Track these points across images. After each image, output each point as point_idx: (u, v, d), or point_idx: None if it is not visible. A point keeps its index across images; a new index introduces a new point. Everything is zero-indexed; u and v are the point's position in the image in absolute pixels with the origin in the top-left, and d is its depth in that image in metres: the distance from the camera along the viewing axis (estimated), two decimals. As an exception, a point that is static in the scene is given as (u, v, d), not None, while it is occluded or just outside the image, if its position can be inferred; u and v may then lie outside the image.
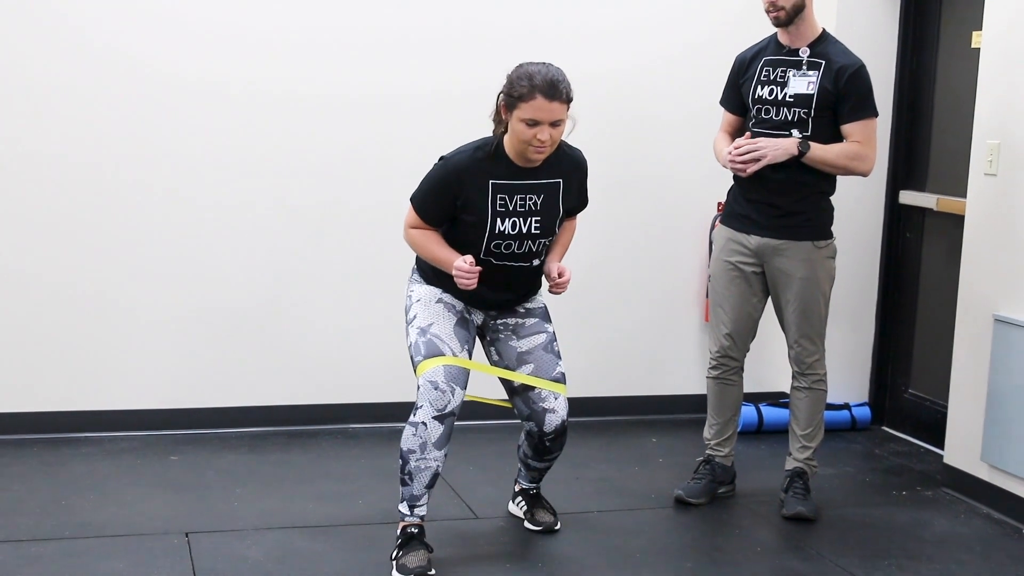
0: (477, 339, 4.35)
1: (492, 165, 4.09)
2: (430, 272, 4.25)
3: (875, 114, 4.69)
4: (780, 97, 4.64)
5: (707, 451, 4.97)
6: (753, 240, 4.72)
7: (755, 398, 5.87)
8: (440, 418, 4.04)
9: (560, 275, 4.22)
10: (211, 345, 5.49)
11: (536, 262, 4.24)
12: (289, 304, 5.57)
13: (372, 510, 4.66)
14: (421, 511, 4.12)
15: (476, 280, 4.03)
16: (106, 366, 5.39)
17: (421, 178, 4.19)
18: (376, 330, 5.65)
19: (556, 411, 4.24)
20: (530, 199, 4.13)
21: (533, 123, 3.94)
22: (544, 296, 4.39)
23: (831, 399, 6.05)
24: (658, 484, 5.05)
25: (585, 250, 5.81)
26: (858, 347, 6.16)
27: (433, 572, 4.01)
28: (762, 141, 4.60)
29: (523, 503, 4.59)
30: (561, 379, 4.28)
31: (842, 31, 5.79)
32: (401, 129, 5.61)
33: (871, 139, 4.68)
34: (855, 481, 5.31)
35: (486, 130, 4.14)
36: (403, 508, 4.12)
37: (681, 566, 4.30)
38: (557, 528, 4.49)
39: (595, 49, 5.76)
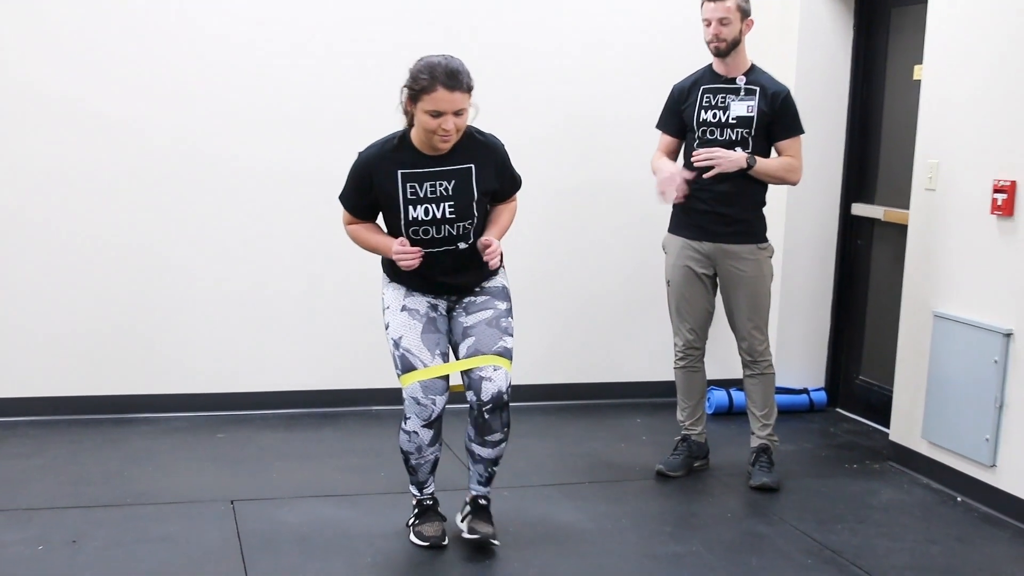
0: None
1: (400, 155, 3.86)
2: (389, 267, 4.02)
3: (802, 132, 4.74)
4: (724, 119, 4.67)
5: (683, 430, 4.99)
6: (705, 246, 4.74)
7: (726, 384, 5.89)
8: (428, 425, 3.90)
9: (488, 245, 3.90)
10: (252, 337, 5.51)
11: (462, 245, 3.92)
12: (320, 301, 5.59)
13: (392, 481, 4.67)
14: (429, 490, 4.08)
15: (418, 258, 3.81)
16: (161, 356, 5.41)
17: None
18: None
19: (492, 380, 3.87)
20: (440, 185, 3.85)
21: (437, 114, 3.70)
22: (503, 278, 4.09)
23: (792, 384, 6.07)
24: (641, 459, 5.06)
25: (571, 256, 5.85)
26: (815, 339, 6.17)
27: (447, 543, 3.99)
28: (719, 151, 4.62)
29: (467, 511, 4.08)
30: (503, 353, 3.92)
31: (803, 65, 5.82)
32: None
33: (800, 153, 4.73)
34: (813, 456, 5.31)
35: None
36: (413, 490, 4.09)
37: (661, 530, 4.31)
38: (494, 542, 3.98)
39: (567, 63, 5.76)
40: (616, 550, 3.94)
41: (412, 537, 4.02)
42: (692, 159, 4.67)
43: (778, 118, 4.67)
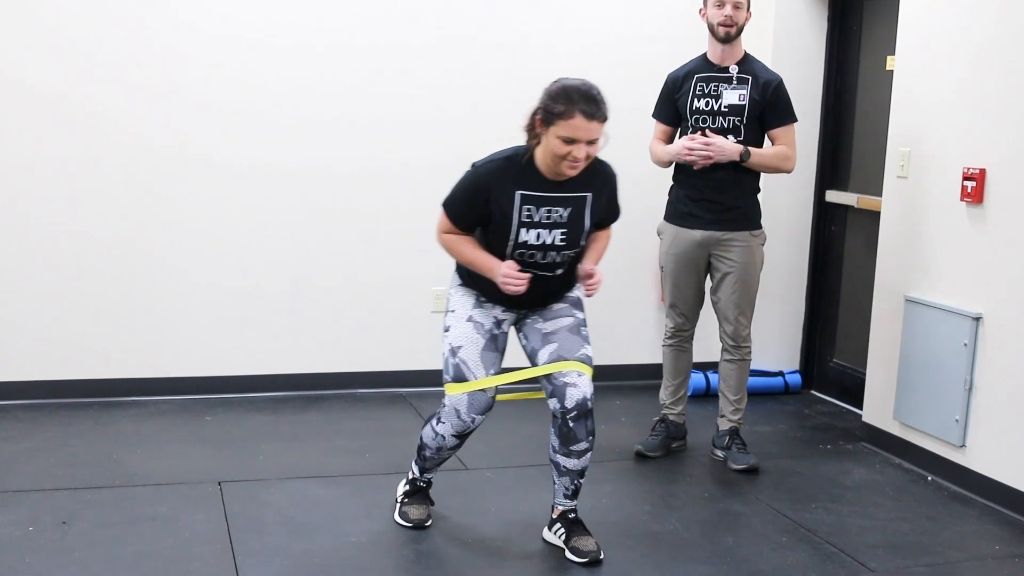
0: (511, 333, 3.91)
1: (521, 176, 3.60)
2: (466, 273, 3.83)
3: (795, 120, 4.75)
4: (716, 108, 4.67)
5: (662, 411, 5.00)
6: (699, 234, 4.74)
7: (704, 367, 5.90)
8: (459, 436, 3.79)
9: (590, 276, 3.75)
10: (239, 322, 5.50)
11: (560, 272, 3.75)
12: (306, 286, 5.57)
13: (377, 463, 4.67)
14: (430, 475, 4.05)
15: (525, 286, 3.58)
16: (150, 340, 5.39)
17: (452, 183, 3.74)
18: (378, 309, 5.67)
19: (578, 385, 3.67)
20: (556, 212, 3.62)
21: (570, 140, 3.46)
22: (577, 290, 3.94)
23: (767, 367, 6.09)
24: (621, 440, 5.07)
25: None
26: (790, 323, 6.19)
27: (430, 524, 3.98)
28: (716, 140, 4.62)
29: (560, 530, 3.85)
30: (586, 360, 3.75)
31: (777, 55, 5.83)
32: (405, 132, 5.61)
33: (793, 142, 4.74)
34: (787, 437, 5.33)
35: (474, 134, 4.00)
36: (415, 470, 4.02)
37: (640, 509, 4.33)
38: (601, 559, 3.75)
39: (560, 59, 5.75)
40: (596, 530, 3.95)
41: (396, 516, 4.01)
42: (687, 141, 4.66)
43: (770, 106, 4.67)
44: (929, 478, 4.77)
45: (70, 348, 5.30)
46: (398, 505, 4.03)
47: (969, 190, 4.55)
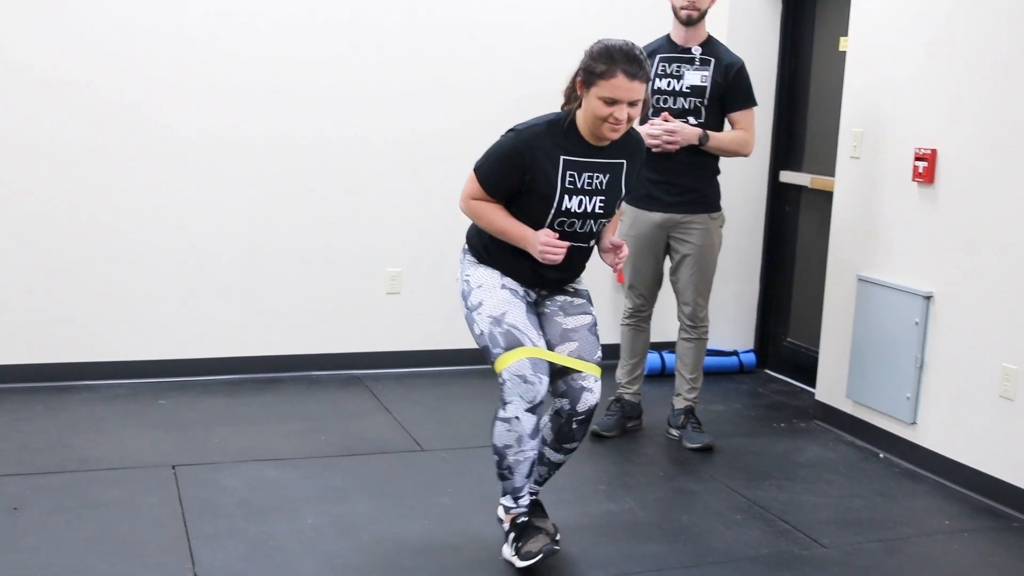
0: None
1: (565, 140, 3.47)
2: (483, 250, 3.62)
3: (755, 104, 4.76)
4: (678, 88, 4.68)
5: (618, 391, 5.02)
6: (658, 216, 4.75)
7: (659, 347, 5.92)
8: (532, 410, 3.44)
9: (619, 247, 3.61)
10: (193, 304, 5.45)
11: (593, 242, 3.65)
12: (260, 268, 5.53)
13: (333, 444, 4.65)
14: (525, 501, 3.59)
15: (564, 254, 3.44)
16: (102, 324, 5.33)
17: (486, 149, 3.55)
18: (333, 291, 5.64)
19: (593, 391, 3.55)
20: (597, 178, 3.51)
21: (612, 101, 3.34)
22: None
23: (722, 347, 6.13)
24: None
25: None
26: (745, 303, 6.22)
27: (559, 547, 3.59)
28: (676, 124, 4.61)
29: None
30: (599, 364, 3.64)
31: (732, 36, 5.83)
32: (361, 111, 5.58)
33: (752, 125, 4.76)
34: (742, 416, 5.37)
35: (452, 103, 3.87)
36: (506, 502, 3.59)
37: (596, 489, 4.34)
38: (558, 540, 3.66)
39: (530, 37, 5.75)
40: (553, 509, 3.95)
41: (520, 562, 3.50)
42: (649, 127, 4.66)
43: (731, 89, 4.68)
44: (881, 455, 4.82)
45: (20, 333, 5.22)
46: (516, 555, 3.53)
47: (920, 170, 4.59)
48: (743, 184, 6.03)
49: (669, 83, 4.69)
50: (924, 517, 4.20)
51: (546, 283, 3.64)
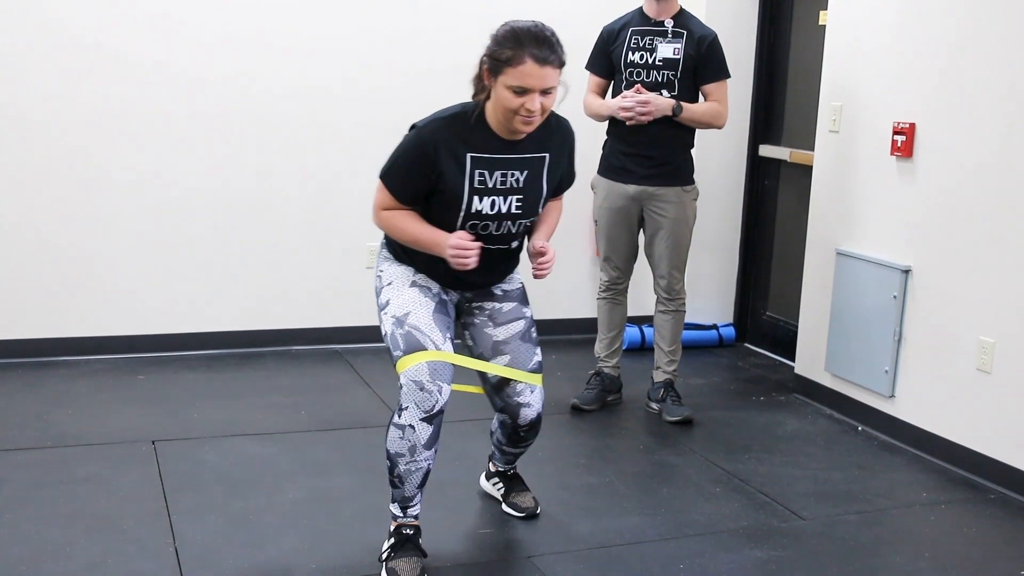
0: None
1: (471, 135, 3.17)
2: (400, 250, 3.36)
3: (728, 76, 4.76)
4: (650, 61, 4.66)
5: (597, 364, 5.02)
6: (632, 188, 4.75)
7: (639, 321, 5.93)
8: (428, 419, 3.19)
9: (543, 253, 3.28)
10: (172, 279, 5.41)
11: (515, 244, 3.37)
12: (240, 243, 5.50)
13: (313, 419, 4.65)
14: (415, 511, 3.35)
15: (477, 257, 3.14)
16: (80, 298, 5.29)
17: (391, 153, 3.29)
18: (315, 263, 5.62)
19: (531, 405, 3.41)
20: (512, 175, 3.20)
21: (521, 91, 3.04)
22: (520, 276, 3.58)
23: (701, 320, 6.14)
24: (557, 394, 5.08)
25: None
26: (724, 277, 6.23)
27: None
28: (648, 96, 4.60)
29: (499, 484, 3.83)
30: (538, 369, 3.43)
31: (712, 9, 5.82)
32: (350, 86, 5.54)
33: (725, 97, 4.75)
34: (721, 389, 5.38)
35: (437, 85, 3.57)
36: (395, 509, 3.34)
37: (576, 462, 4.35)
38: (538, 513, 3.75)
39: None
40: (532, 482, 3.96)
41: (384, 574, 3.28)
42: (621, 99, 4.65)
43: (704, 62, 4.67)
44: (859, 428, 4.84)
45: (-3, 307, 5.20)
46: (383, 564, 3.30)
47: (899, 144, 4.59)
48: (722, 158, 6.03)
49: (642, 56, 4.68)
50: (902, 489, 4.22)
51: (467, 287, 3.40)
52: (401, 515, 3.33)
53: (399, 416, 3.21)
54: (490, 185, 3.19)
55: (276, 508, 3.76)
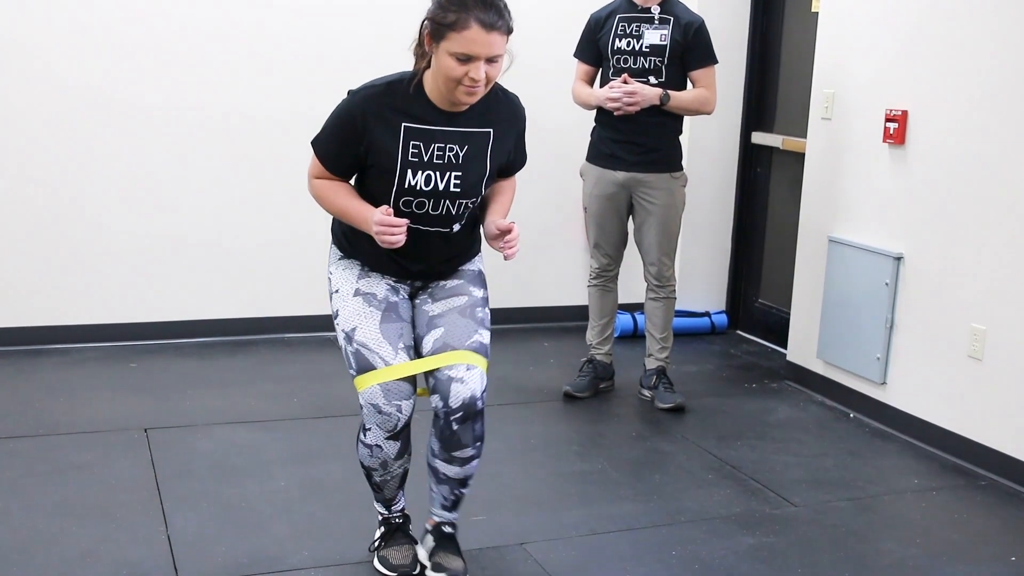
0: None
1: (408, 104, 2.94)
2: (343, 239, 3.16)
3: (716, 61, 4.75)
4: (637, 48, 4.65)
5: (590, 352, 5.02)
6: (621, 175, 4.74)
7: (631, 308, 5.93)
8: (393, 436, 3.06)
9: (507, 231, 3.03)
10: (165, 267, 5.40)
11: (456, 227, 3.10)
12: (233, 230, 5.49)
13: (305, 406, 4.64)
14: (399, 507, 3.31)
15: (403, 234, 2.89)
16: (74, 287, 5.28)
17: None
18: (305, 252, 5.60)
19: (464, 381, 3.01)
20: (450, 150, 2.98)
21: (465, 58, 2.80)
22: (479, 261, 3.31)
23: (694, 307, 6.14)
24: (549, 381, 5.09)
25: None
26: (716, 264, 6.23)
27: (417, 571, 3.24)
28: (636, 86, 4.60)
29: (430, 543, 3.25)
30: (479, 349, 3.07)
31: (704, -4, 5.82)
32: (336, 72, 5.52)
33: (713, 83, 4.74)
34: (713, 376, 5.39)
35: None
36: (380, 508, 3.31)
37: (568, 449, 4.35)
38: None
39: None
40: (526, 469, 3.96)
41: (376, 564, 3.26)
42: (608, 90, 4.64)
43: (691, 48, 4.66)
44: (851, 415, 4.85)
45: (-11, 295, 5.18)
46: (374, 553, 3.29)
47: (891, 131, 4.59)
48: (715, 145, 6.03)
49: (629, 43, 4.67)
50: (893, 476, 4.23)
51: (413, 275, 3.15)
52: (387, 512, 3.32)
53: (364, 435, 3.09)
54: (425, 159, 2.96)
55: (268, 496, 3.75)
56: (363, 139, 2.96)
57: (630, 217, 4.88)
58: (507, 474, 4.03)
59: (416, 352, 3.11)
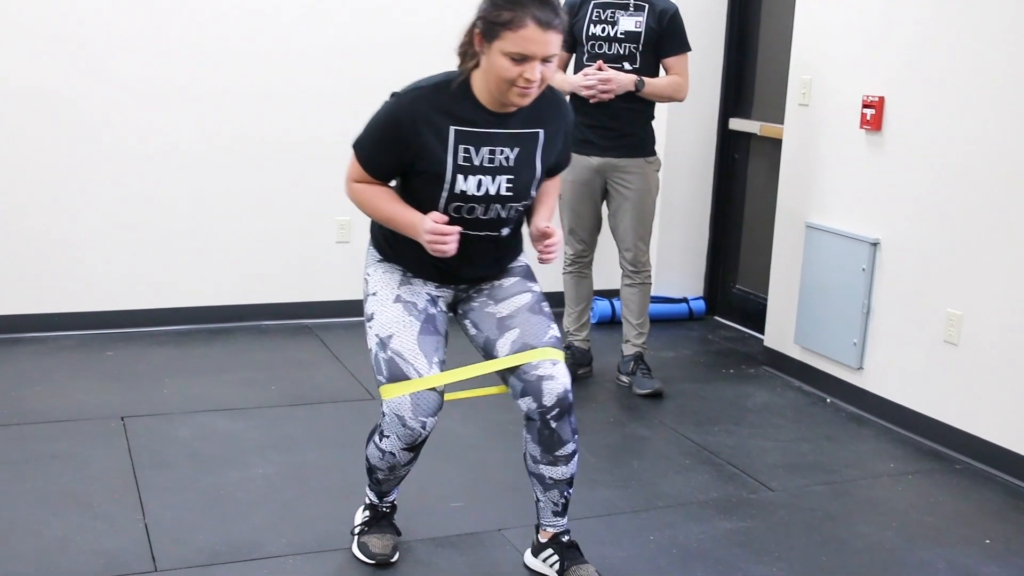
0: (452, 318, 3.20)
1: (456, 107, 2.85)
2: (384, 243, 3.08)
3: (689, 49, 4.76)
4: (612, 34, 4.66)
5: (567, 338, 5.02)
6: (595, 161, 4.75)
7: (608, 294, 5.94)
8: (410, 449, 3.01)
9: (547, 235, 2.95)
10: (141, 255, 5.37)
11: (505, 231, 3.03)
12: (209, 218, 5.46)
13: (283, 394, 4.63)
14: (391, 497, 3.30)
15: (456, 242, 2.83)
16: (48, 274, 5.25)
17: (368, 117, 2.98)
18: (284, 238, 5.59)
19: (554, 377, 2.95)
20: (502, 153, 2.88)
21: (521, 58, 2.71)
22: (524, 256, 3.25)
23: (672, 294, 6.15)
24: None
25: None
26: (694, 250, 6.24)
27: (396, 559, 3.23)
28: (610, 73, 4.60)
29: (553, 557, 3.15)
30: (556, 344, 3.03)
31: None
32: (309, 58, 5.50)
33: (686, 71, 4.75)
34: (691, 362, 5.40)
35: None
36: (371, 496, 3.29)
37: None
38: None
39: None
40: (504, 456, 3.97)
41: (355, 548, 3.25)
42: (582, 78, 4.64)
43: (666, 35, 4.67)
44: (828, 400, 4.88)
45: (-37, 283, 5.15)
46: (356, 536, 3.28)
47: (868, 118, 4.61)
48: (692, 132, 6.04)
49: (604, 29, 4.67)
50: (870, 460, 4.26)
51: (458, 281, 3.10)
52: (378, 502, 3.30)
53: (380, 440, 3.03)
54: (476, 163, 2.87)
55: (246, 484, 3.75)
56: (411, 144, 2.85)
57: (604, 203, 4.89)
58: (485, 460, 4.03)
59: (488, 356, 3.07)
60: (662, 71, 4.78)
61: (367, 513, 3.32)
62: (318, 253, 5.64)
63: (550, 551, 3.17)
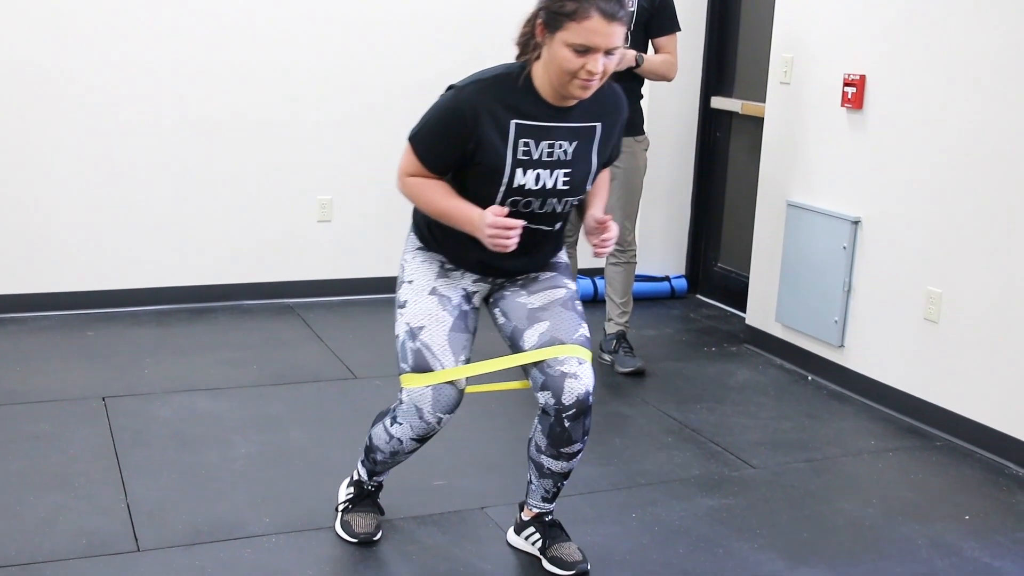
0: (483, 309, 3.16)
1: (517, 100, 2.79)
2: (427, 232, 3.03)
3: (679, 29, 4.76)
4: None
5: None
6: None
7: (591, 273, 5.95)
8: (419, 440, 3.01)
9: (603, 227, 2.90)
10: (121, 234, 5.35)
11: (559, 226, 3.01)
12: (189, 197, 5.44)
13: (264, 373, 4.63)
14: (381, 477, 3.30)
15: (517, 237, 2.75)
16: (27, 254, 5.22)
17: (424, 112, 2.89)
18: (265, 217, 5.57)
19: (579, 376, 2.91)
20: (560, 147, 2.83)
21: (584, 49, 2.65)
22: (563, 252, 3.19)
23: (653, 272, 6.17)
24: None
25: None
26: (676, 228, 6.25)
27: (379, 538, 3.26)
28: None
29: (535, 535, 3.19)
30: (585, 344, 3.00)
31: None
32: (298, 37, 5.47)
33: (676, 51, 4.76)
34: (673, 340, 5.42)
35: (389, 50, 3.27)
36: (362, 473, 3.28)
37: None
38: (588, 569, 3.12)
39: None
40: (486, 435, 3.98)
41: (337, 526, 3.28)
42: None
43: (656, 15, 4.66)
44: (809, 378, 4.90)
45: (-59, 264, 5.11)
46: (339, 513, 3.30)
47: (849, 96, 4.62)
48: (675, 110, 6.04)
49: None
50: (850, 437, 4.29)
51: (502, 273, 3.04)
52: (367, 479, 3.30)
53: (391, 425, 3.01)
54: (535, 157, 2.81)
55: (228, 463, 3.75)
56: (471, 137, 2.79)
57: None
58: (467, 439, 4.04)
59: (514, 345, 3.04)
60: (651, 50, 4.77)
61: (351, 490, 3.32)
62: (300, 232, 5.63)
63: (532, 529, 3.21)
